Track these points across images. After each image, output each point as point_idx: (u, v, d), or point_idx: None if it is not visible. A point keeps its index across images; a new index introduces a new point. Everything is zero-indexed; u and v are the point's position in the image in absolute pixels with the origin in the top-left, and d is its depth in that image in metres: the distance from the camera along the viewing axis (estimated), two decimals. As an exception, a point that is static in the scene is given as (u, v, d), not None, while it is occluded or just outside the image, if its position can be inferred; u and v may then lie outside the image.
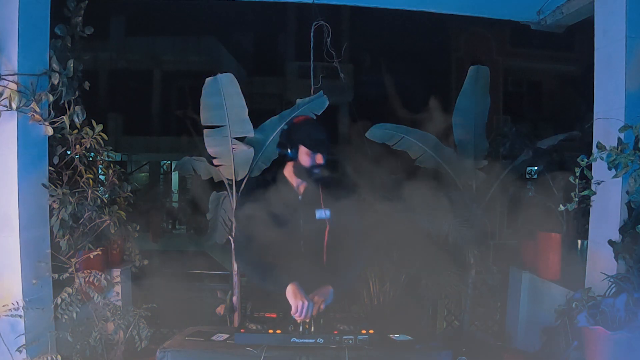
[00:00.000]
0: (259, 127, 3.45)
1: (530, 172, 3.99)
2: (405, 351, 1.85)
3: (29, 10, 2.31)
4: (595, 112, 2.61)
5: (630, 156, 2.26)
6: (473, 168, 3.68)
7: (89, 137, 2.71)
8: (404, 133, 3.68)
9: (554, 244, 3.25)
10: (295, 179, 2.22)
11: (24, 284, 2.28)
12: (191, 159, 3.70)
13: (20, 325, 2.24)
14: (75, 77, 2.63)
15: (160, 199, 15.23)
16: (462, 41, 15.76)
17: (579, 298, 2.23)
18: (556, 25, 3.48)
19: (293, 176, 2.22)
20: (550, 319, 2.72)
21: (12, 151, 2.26)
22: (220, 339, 1.92)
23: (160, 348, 1.82)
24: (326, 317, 1.95)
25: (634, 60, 2.39)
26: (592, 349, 2.07)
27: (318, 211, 2.19)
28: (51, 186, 2.48)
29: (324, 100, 3.40)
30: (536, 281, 3.41)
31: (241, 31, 16.44)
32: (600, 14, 2.63)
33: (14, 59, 2.25)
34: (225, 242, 3.76)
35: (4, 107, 2.21)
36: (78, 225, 2.69)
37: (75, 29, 2.80)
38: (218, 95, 3.25)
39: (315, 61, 3.50)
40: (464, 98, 3.59)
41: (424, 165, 3.76)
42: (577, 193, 2.51)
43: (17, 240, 2.27)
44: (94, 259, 2.66)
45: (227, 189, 3.59)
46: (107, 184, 3.00)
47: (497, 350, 3.46)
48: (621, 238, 2.35)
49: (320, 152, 2.15)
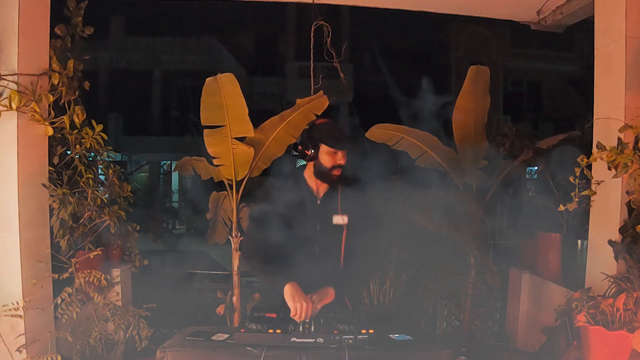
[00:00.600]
0: (259, 127, 3.44)
1: (530, 172, 3.99)
2: (405, 351, 1.85)
3: (29, 10, 2.31)
4: (595, 112, 2.61)
5: (630, 156, 2.26)
6: (473, 168, 3.68)
7: (89, 137, 2.71)
8: (404, 133, 3.68)
9: (554, 244, 3.25)
10: (315, 181, 2.21)
11: (24, 284, 2.28)
12: (191, 159, 3.70)
13: (20, 325, 2.23)
14: (75, 77, 2.63)
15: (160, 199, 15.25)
16: (462, 41, 15.78)
17: (579, 298, 2.23)
18: (556, 25, 3.48)
19: (313, 178, 2.21)
20: (550, 319, 2.73)
21: (12, 151, 2.26)
22: (220, 339, 1.92)
23: (160, 348, 1.82)
24: (326, 317, 1.95)
25: (633, 60, 2.39)
26: (592, 349, 2.07)
27: (335, 216, 2.18)
28: (51, 186, 2.48)
29: (324, 100, 3.40)
30: (536, 281, 3.42)
31: (241, 31, 16.44)
32: (600, 14, 2.63)
33: (14, 59, 2.25)
34: (225, 242, 3.77)
35: (4, 107, 2.21)
36: (78, 225, 2.69)
37: (75, 29, 2.80)
38: (218, 95, 3.25)
39: (315, 61, 3.50)
40: (464, 98, 3.59)
41: (424, 165, 3.76)
42: (577, 193, 2.52)
43: (17, 240, 2.27)
44: (94, 259, 2.66)
45: (227, 189, 3.59)
46: (107, 184, 3.01)
47: (497, 350, 3.47)
48: (621, 238, 2.36)
49: (342, 149, 2.14)
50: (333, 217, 2.18)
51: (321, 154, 2.14)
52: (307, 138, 2.17)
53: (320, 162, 2.15)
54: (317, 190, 2.23)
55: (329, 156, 2.13)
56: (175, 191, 16.45)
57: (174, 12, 14.10)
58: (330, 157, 2.13)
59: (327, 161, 2.14)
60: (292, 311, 1.93)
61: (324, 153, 2.14)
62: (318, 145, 2.14)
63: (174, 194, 16.32)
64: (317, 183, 2.21)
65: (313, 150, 2.14)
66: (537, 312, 3.37)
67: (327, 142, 2.12)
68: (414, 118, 3.57)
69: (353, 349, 1.78)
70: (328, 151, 2.13)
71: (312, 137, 2.15)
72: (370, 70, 14.72)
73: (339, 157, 2.14)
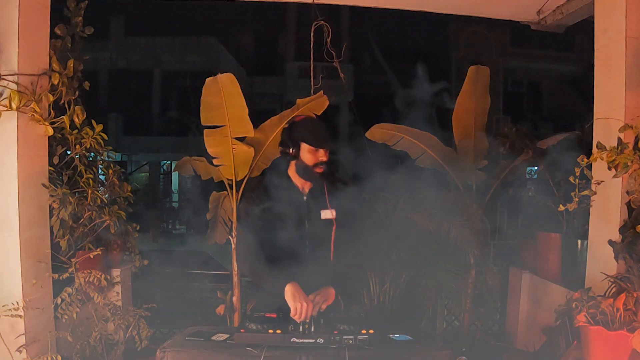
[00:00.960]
0: (259, 127, 3.45)
1: (530, 172, 3.98)
2: (405, 351, 1.85)
3: (29, 11, 2.31)
4: (595, 112, 2.61)
5: (630, 156, 2.26)
6: (473, 168, 3.68)
7: (89, 137, 2.71)
8: (404, 133, 3.68)
9: (554, 244, 3.25)
10: (299, 179, 2.21)
11: (24, 284, 2.28)
12: (191, 159, 3.70)
13: (20, 325, 2.24)
14: (75, 77, 2.63)
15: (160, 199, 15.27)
16: (462, 41, 15.79)
17: (579, 298, 2.23)
18: (556, 25, 3.48)
19: (297, 176, 2.21)
20: (550, 319, 2.73)
21: (12, 151, 2.26)
22: (220, 339, 1.92)
23: (160, 348, 1.82)
24: (326, 317, 1.95)
25: (633, 60, 2.39)
26: (592, 349, 2.07)
27: (324, 211, 2.18)
28: (51, 186, 2.47)
29: (324, 100, 3.40)
30: (536, 281, 3.41)
31: (241, 31, 16.46)
32: (600, 14, 2.63)
33: (14, 59, 2.25)
34: (225, 242, 3.76)
35: (4, 107, 2.21)
36: (78, 225, 2.69)
37: (75, 29, 2.80)
38: (218, 95, 3.25)
39: (315, 61, 3.49)
40: (464, 98, 3.59)
41: (424, 165, 3.76)
42: (577, 193, 2.52)
43: (17, 240, 2.27)
44: (94, 259, 2.66)
45: (227, 189, 3.59)
46: (107, 184, 3.01)
47: (497, 350, 3.46)
48: (621, 238, 2.35)
49: (322, 148, 2.14)
50: (321, 212, 2.18)
51: (302, 152, 2.15)
52: (287, 137, 2.18)
53: (302, 160, 2.15)
54: (302, 187, 2.23)
55: (310, 154, 2.14)
56: (175, 191, 16.48)
57: (174, 12, 14.11)
58: (311, 155, 2.14)
59: (308, 159, 2.14)
60: (292, 311, 1.92)
61: (305, 151, 2.14)
62: (298, 143, 2.14)
63: (174, 194, 16.34)
64: (301, 181, 2.22)
65: (294, 149, 2.14)
66: (537, 312, 3.37)
67: (307, 141, 2.13)
68: (414, 118, 3.57)
69: (353, 349, 1.78)
70: (309, 149, 2.13)
71: (292, 136, 2.16)
72: (370, 70, 14.72)
73: (321, 155, 2.14)
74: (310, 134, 2.14)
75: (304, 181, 2.22)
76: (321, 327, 1.88)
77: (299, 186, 2.23)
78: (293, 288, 1.97)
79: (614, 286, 2.21)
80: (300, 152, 2.15)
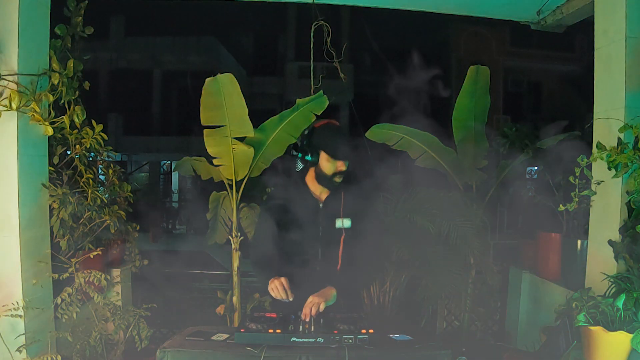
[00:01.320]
0: (259, 127, 3.44)
1: (530, 172, 3.99)
2: (405, 351, 1.85)
3: (29, 10, 2.31)
4: (595, 112, 2.61)
5: (630, 156, 2.26)
6: (473, 168, 3.68)
7: (89, 137, 2.71)
8: (404, 133, 3.68)
9: (554, 244, 3.25)
10: (317, 186, 2.18)
11: (24, 284, 2.28)
12: (191, 159, 3.70)
13: (20, 325, 2.24)
14: (75, 77, 2.63)
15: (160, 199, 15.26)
16: (462, 41, 15.79)
17: (579, 298, 2.23)
18: (556, 25, 3.48)
19: (315, 183, 2.17)
20: (550, 319, 2.73)
21: (12, 151, 2.26)
22: (220, 339, 1.92)
23: (160, 348, 1.81)
24: (326, 317, 1.95)
25: (634, 60, 2.39)
26: (592, 349, 2.07)
27: (338, 220, 2.15)
28: (51, 186, 2.47)
29: (324, 100, 3.40)
30: (536, 281, 3.42)
31: (241, 31, 16.46)
32: (600, 14, 2.63)
33: (14, 59, 2.25)
34: (225, 242, 3.76)
35: (4, 107, 2.21)
36: (78, 225, 2.69)
37: (75, 29, 2.80)
38: (218, 95, 3.25)
39: (315, 61, 3.49)
40: (464, 98, 3.59)
41: (424, 165, 3.77)
42: (577, 193, 2.52)
43: (17, 240, 2.27)
44: (94, 259, 2.66)
45: (227, 189, 3.59)
46: (107, 184, 3.01)
47: (497, 350, 3.46)
48: (621, 238, 2.36)
49: (342, 159, 2.10)
50: (335, 220, 2.16)
51: (322, 160, 2.11)
52: (307, 144, 2.12)
53: (320, 168, 2.12)
54: (319, 194, 2.20)
55: (329, 163, 2.10)
56: (175, 191, 16.46)
57: (174, 12, 14.11)
58: (331, 164, 2.10)
59: (328, 168, 2.11)
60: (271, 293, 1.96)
61: (324, 160, 2.10)
62: (318, 151, 2.10)
63: (174, 194, 16.33)
64: (319, 188, 2.19)
65: (313, 156, 2.10)
66: (537, 312, 3.37)
67: (327, 151, 2.09)
68: (414, 118, 3.57)
69: (353, 349, 1.78)
70: (329, 158, 2.09)
71: (312, 144, 2.10)
72: (370, 70, 14.72)
73: (340, 165, 2.11)
74: (331, 144, 2.09)
75: (322, 188, 2.19)
76: (321, 327, 1.88)
77: (316, 193, 2.20)
78: None
79: (614, 286, 2.21)
80: (320, 160, 2.10)
